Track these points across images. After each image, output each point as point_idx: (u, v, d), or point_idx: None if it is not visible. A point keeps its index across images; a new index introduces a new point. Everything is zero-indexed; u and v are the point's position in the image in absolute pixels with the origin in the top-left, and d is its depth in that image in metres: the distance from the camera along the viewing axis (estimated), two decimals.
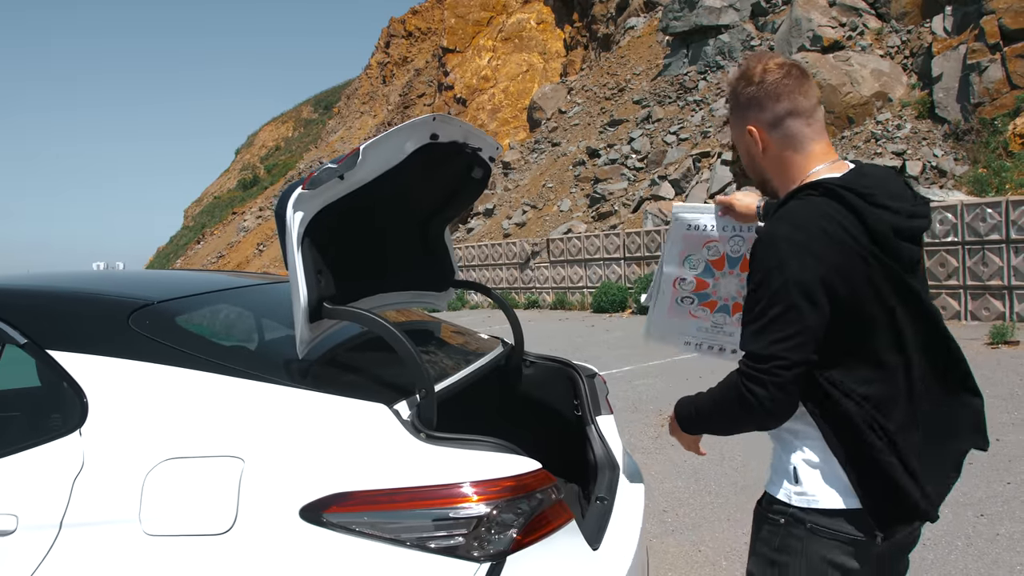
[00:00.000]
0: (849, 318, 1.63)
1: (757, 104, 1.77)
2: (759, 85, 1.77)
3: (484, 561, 1.74)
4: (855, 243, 1.63)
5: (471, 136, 2.47)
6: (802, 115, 1.76)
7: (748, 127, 1.79)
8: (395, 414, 1.86)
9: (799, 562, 1.71)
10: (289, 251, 1.96)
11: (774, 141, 1.78)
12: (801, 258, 1.59)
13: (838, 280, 1.61)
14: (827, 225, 1.62)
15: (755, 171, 1.87)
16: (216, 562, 1.74)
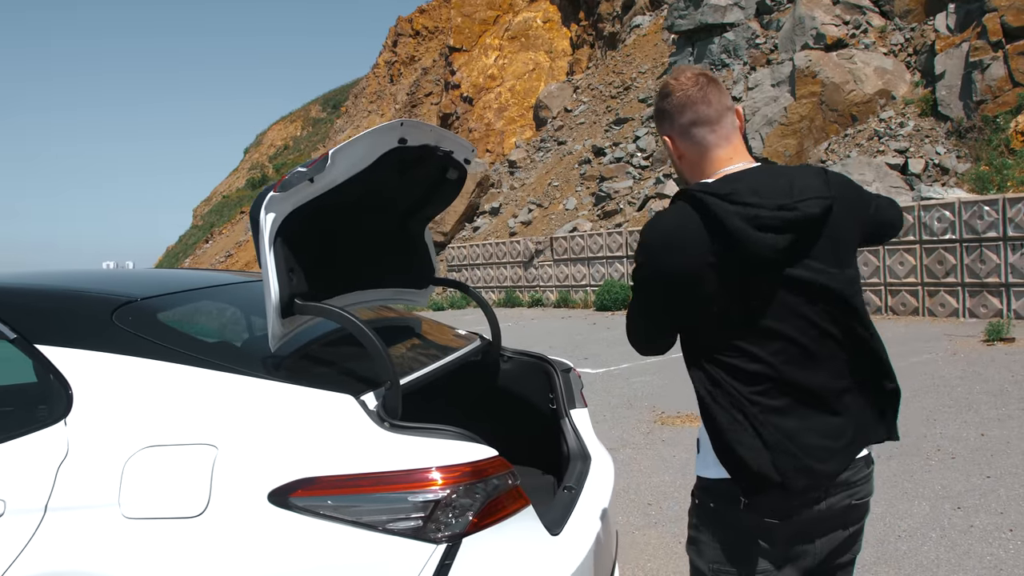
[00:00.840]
0: (709, 309, 1.74)
1: (668, 116, 1.90)
2: (669, 99, 1.89)
3: (442, 542, 1.85)
4: (704, 243, 1.71)
5: (443, 140, 2.57)
6: (706, 124, 1.86)
7: (663, 137, 1.93)
8: (361, 404, 1.97)
9: (707, 534, 1.82)
10: (261, 250, 2.08)
11: (685, 149, 1.90)
12: (652, 259, 1.77)
13: (684, 279, 1.73)
14: (676, 230, 1.74)
15: (680, 176, 1.98)
16: (189, 543, 1.85)
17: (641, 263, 1.81)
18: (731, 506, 1.78)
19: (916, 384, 7.45)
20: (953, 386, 7.24)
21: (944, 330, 10.56)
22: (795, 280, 1.75)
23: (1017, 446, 5.28)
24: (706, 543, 1.83)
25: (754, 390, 1.74)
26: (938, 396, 6.91)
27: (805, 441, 1.75)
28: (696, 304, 1.76)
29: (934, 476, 4.82)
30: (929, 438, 5.66)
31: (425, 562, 1.83)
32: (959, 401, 6.67)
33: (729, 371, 1.76)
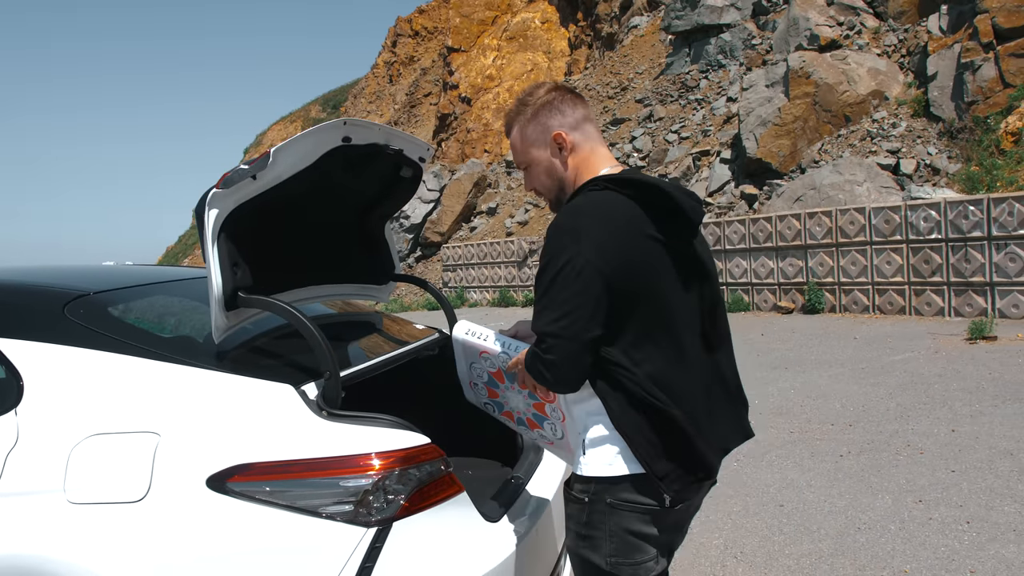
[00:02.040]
0: (629, 297, 1.80)
1: (558, 111, 1.97)
2: (555, 94, 1.98)
3: (372, 526, 1.92)
4: (637, 226, 1.81)
5: (392, 138, 2.64)
6: (592, 121, 1.98)
7: (554, 134, 1.97)
8: (301, 394, 2.05)
9: (602, 532, 1.89)
10: (205, 245, 2.15)
11: (577, 141, 1.97)
12: (579, 243, 1.76)
13: (617, 262, 1.78)
14: (609, 211, 1.81)
15: (553, 182, 2.02)
16: (131, 527, 1.93)
17: (571, 252, 1.75)
18: (631, 498, 1.86)
19: (894, 382, 7.52)
20: (930, 383, 7.31)
21: (929, 329, 10.62)
22: (696, 273, 1.90)
23: (985, 441, 5.34)
24: (601, 538, 1.88)
25: (658, 385, 1.82)
26: (915, 393, 6.98)
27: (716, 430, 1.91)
28: (635, 292, 1.80)
29: (900, 471, 4.89)
30: (900, 434, 5.72)
31: (356, 545, 1.90)
32: (934, 398, 6.73)
33: (634, 367, 1.81)
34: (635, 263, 1.80)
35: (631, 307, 1.81)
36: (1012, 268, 10.73)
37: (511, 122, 2.05)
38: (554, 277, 1.78)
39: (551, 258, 1.80)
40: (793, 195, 15.48)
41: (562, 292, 1.77)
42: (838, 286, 12.99)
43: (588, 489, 1.90)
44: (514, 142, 2.07)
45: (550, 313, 1.79)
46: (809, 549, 3.83)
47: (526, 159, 2.05)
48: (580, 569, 1.97)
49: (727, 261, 15.01)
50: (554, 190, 2.04)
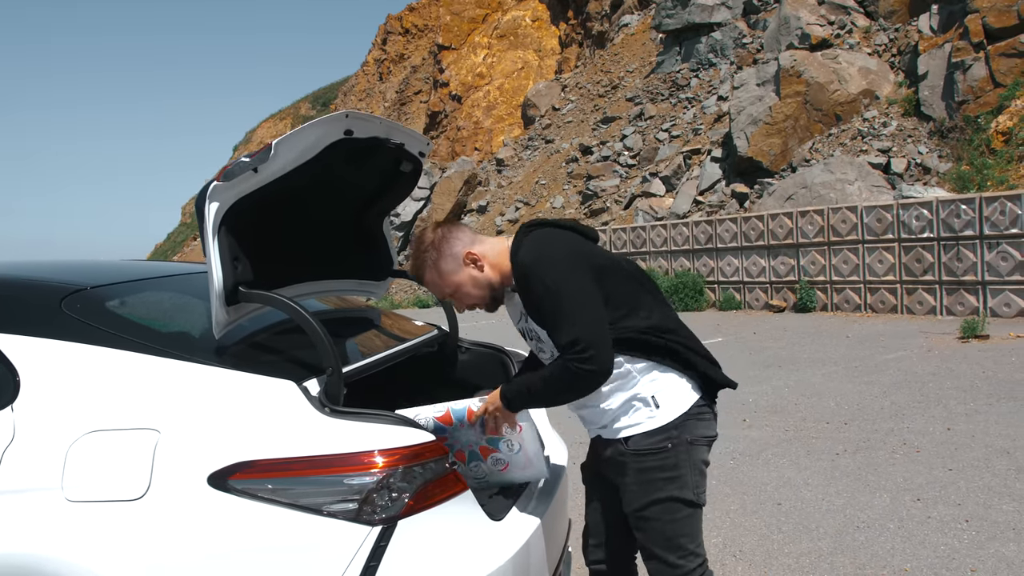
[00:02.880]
0: (608, 279, 2.18)
1: (455, 238, 2.31)
2: (443, 229, 2.33)
3: (377, 524, 1.89)
4: (572, 237, 2.27)
5: (393, 132, 2.59)
6: (474, 231, 2.39)
7: (465, 253, 2.29)
8: (303, 391, 2.00)
9: (687, 468, 2.22)
10: (205, 239, 2.11)
11: (482, 250, 2.32)
12: (559, 261, 2.12)
13: (591, 261, 2.17)
14: (561, 235, 2.25)
15: (481, 289, 2.33)
16: (130, 525, 1.88)
17: (552, 273, 2.11)
18: (702, 433, 2.26)
19: (887, 380, 7.53)
20: (924, 382, 7.32)
21: (921, 327, 10.65)
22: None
23: (981, 440, 5.35)
24: (687, 474, 2.22)
25: (669, 332, 2.26)
26: (909, 392, 6.99)
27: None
28: (608, 274, 2.20)
29: (898, 469, 4.88)
30: (896, 432, 5.73)
31: (360, 544, 1.86)
32: (929, 397, 6.75)
33: (649, 328, 2.22)
34: (594, 257, 2.21)
35: (614, 286, 2.18)
36: (1004, 267, 10.78)
37: (421, 269, 2.34)
38: (553, 298, 2.09)
39: (540, 288, 2.11)
40: (784, 194, 15.51)
41: (567, 303, 2.08)
42: (830, 284, 13.02)
43: (670, 436, 2.21)
44: (432, 282, 2.34)
45: (567, 322, 2.07)
46: (808, 547, 3.82)
47: (451, 288, 2.33)
48: (666, 513, 2.23)
49: (718, 259, 15.03)
50: (487, 295, 2.34)
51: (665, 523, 2.24)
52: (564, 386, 2.13)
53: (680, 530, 2.25)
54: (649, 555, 2.31)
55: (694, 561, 2.27)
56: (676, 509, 2.23)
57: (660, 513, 2.23)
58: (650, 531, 2.26)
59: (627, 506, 2.31)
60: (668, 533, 2.24)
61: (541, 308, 2.13)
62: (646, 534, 2.28)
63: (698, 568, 2.27)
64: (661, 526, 2.24)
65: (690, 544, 2.27)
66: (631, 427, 2.25)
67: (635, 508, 2.27)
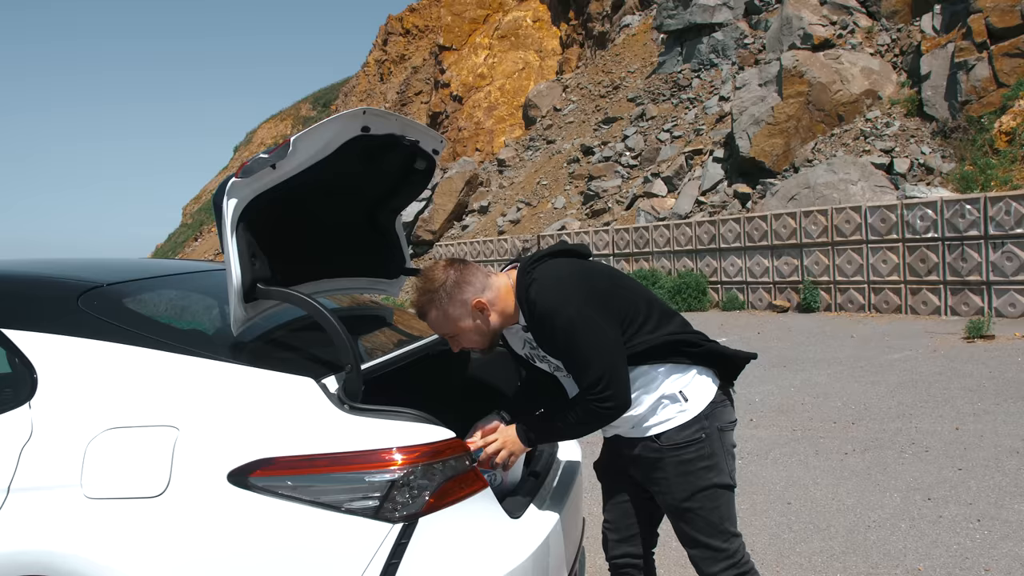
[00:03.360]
0: (617, 306, 2.25)
1: (468, 284, 2.30)
2: (454, 271, 2.31)
3: (398, 522, 1.88)
4: (584, 263, 2.38)
5: (408, 129, 2.59)
6: (482, 270, 2.36)
7: (474, 303, 2.29)
8: (322, 387, 1.99)
9: (721, 455, 2.32)
10: (224, 236, 2.10)
11: (490, 298, 2.31)
12: (571, 302, 2.18)
13: (597, 289, 2.25)
14: (565, 268, 2.29)
15: (484, 337, 2.35)
16: (150, 523, 1.88)
17: (565, 313, 2.17)
18: (730, 419, 2.38)
19: (893, 380, 7.52)
20: (931, 382, 7.31)
21: (926, 328, 10.64)
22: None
23: (990, 440, 5.34)
24: (721, 459, 2.32)
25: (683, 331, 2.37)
26: (915, 392, 6.98)
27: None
28: (617, 300, 2.28)
29: (907, 468, 4.87)
30: (904, 432, 5.71)
31: (381, 541, 1.86)
32: (936, 396, 6.73)
33: (661, 332, 2.32)
34: (599, 282, 2.30)
35: (619, 305, 2.26)
36: (1009, 267, 10.76)
37: (426, 308, 2.32)
38: (570, 341, 2.17)
39: (558, 333, 2.18)
40: (787, 194, 15.50)
41: (583, 344, 2.17)
42: (834, 285, 13.01)
43: (702, 426, 2.30)
44: (437, 322, 2.34)
45: (586, 364, 2.18)
46: (820, 547, 3.81)
47: (454, 331, 2.34)
48: (710, 501, 2.30)
49: (722, 260, 15.02)
50: (487, 340, 2.37)
51: (710, 510, 2.32)
52: (588, 425, 2.26)
53: (723, 515, 2.34)
54: (694, 543, 2.36)
55: (736, 542, 2.36)
56: (719, 495, 2.32)
57: (704, 501, 2.31)
58: (695, 520, 2.33)
59: (668, 500, 2.36)
60: (713, 519, 2.32)
61: (558, 348, 2.24)
62: (691, 524, 2.34)
63: (740, 548, 2.37)
64: (707, 514, 2.32)
65: (731, 527, 2.36)
66: (662, 423, 2.31)
67: (679, 500, 2.33)
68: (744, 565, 2.36)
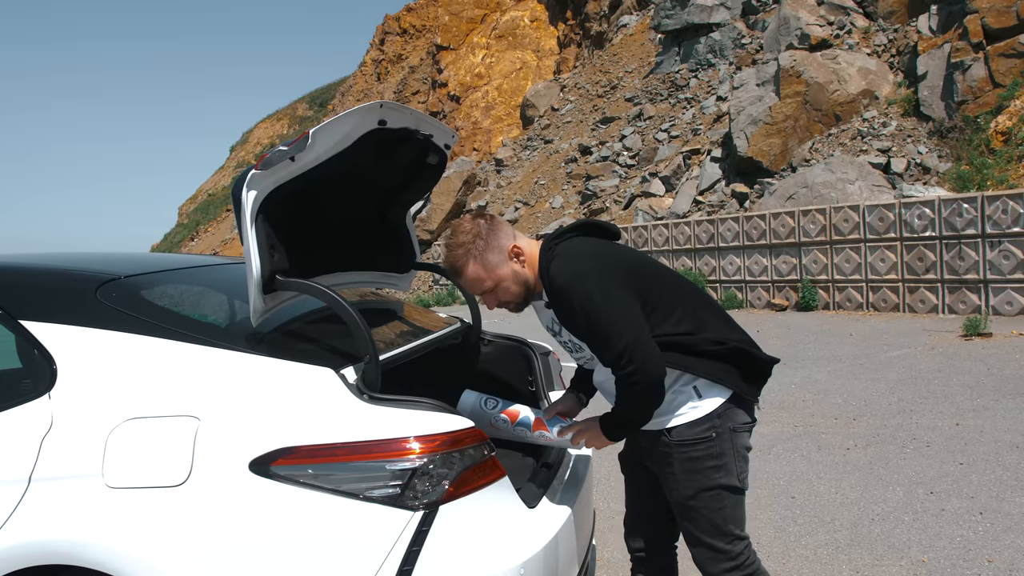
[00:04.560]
0: (641, 288, 2.20)
1: (500, 230, 2.32)
2: (483, 221, 2.33)
3: (419, 510, 1.90)
4: (610, 244, 2.32)
5: (422, 123, 2.61)
6: (511, 228, 2.39)
7: (511, 247, 2.31)
8: (341, 378, 2.02)
9: (731, 456, 2.27)
10: (243, 227, 2.12)
11: (523, 245, 2.34)
12: (589, 278, 2.14)
13: (621, 268, 2.21)
14: (588, 245, 2.27)
15: (520, 287, 2.34)
16: (172, 511, 1.90)
17: (585, 288, 2.13)
18: (744, 420, 2.30)
19: (893, 377, 7.56)
20: (930, 379, 7.35)
21: (924, 326, 10.69)
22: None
23: (990, 435, 5.38)
24: (731, 461, 2.27)
25: (706, 329, 2.30)
26: (915, 388, 7.02)
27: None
28: (642, 280, 2.23)
29: (909, 463, 4.91)
30: (905, 427, 5.75)
31: (403, 529, 1.88)
32: (935, 393, 6.77)
33: (679, 331, 2.26)
34: (624, 261, 2.25)
35: (648, 293, 2.21)
36: (1006, 265, 10.82)
37: (462, 260, 2.31)
38: (590, 318, 2.12)
39: (577, 309, 2.14)
40: (785, 193, 15.55)
41: (603, 321, 2.11)
42: (832, 283, 13.06)
43: (713, 424, 2.26)
44: (474, 274, 2.32)
45: (607, 341, 2.12)
46: (825, 540, 3.84)
47: (493, 281, 2.33)
48: (715, 502, 2.26)
49: (720, 259, 15.05)
50: (522, 294, 2.36)
51: (713, 511, 2.28)
52: (636, 402, 2.18)
53: (727, 516, 2.29)
54: (696, 542, 2.33)
55: (740, 545, 2.32)
56: (723, 497, 2.28)
57: (708, 501, 2.27)
58: (698, 520, 2.30)
59: (674, 496, 2.34)
60: (716, 520, 2.29)
61: (578, 326, 2.19)
62: (694, 523, 2.31)
63: (745, 551, 2.32)
64: (709, 514, 2.28)
65: (736, 529, 2.32)
66: (675, 417, 2.29)
67: (683, 498, 2.30)
68: (748, 568, 2.32)
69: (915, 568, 3.47)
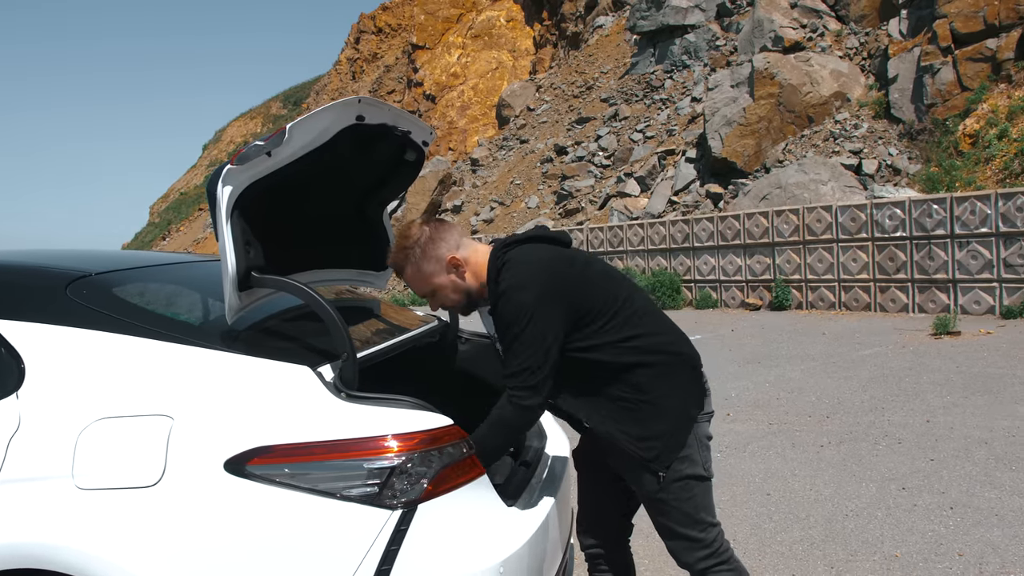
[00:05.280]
0: (590, 298, 2.24)
1: (442, 240, 2.34)
2: (429, 228, 2.35)
3: (397, 508, 1.88)
4: (561, 251, 2.36)
5: (400, 119, 2.59)
6: (461, 232, 2.40)
7: (448, 259, 2.33)
8: (318, 376, 1.99)
9: (695, 446, 2.30)
10: (218, 223, 2.09)
11: (464, 256, 2.36)
12: (529, 290, 2.17)
13: (566, 282, 2.23)
14: (536, 255, 2.28)
15: (458, 295, 2.38)
16: (145, 512, 1.86)
17: (525, 296, 2.16)
18: (708, 416, 2.37)
19: (866, 375, 7.65)
20: (901, 377, 7.44)
21: (895, 324, 10.83)
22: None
23: (960, 431, 5.45)
24: (695, 450, 2.29)
25: (653, 335, 2.35)
26: (887, 386, 7.10)
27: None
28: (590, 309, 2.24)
29: (881, 460, 4.97)
30: (877, 424, 5.82)
31: (381, 528, 1.86)
32: (907, 391, 6.86)
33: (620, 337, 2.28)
34: (570, 273, 2.27)
35: (591, 299, 2.25)
36: (974, 265, 10.98)
37: (401, 264, 2.37)
38: (512, 321, 2.18)
39: (506, 318, 2.19)
40: (759, 194, 15.68)
41: (526, 329, 2.16)
42: (805, 283, 13.19)
43: None
44: (412, 279, 2.38)
45: (516, 353, 2.19)
46: (800, 536, 3.87)
47: (430, 288, 2.38)
48: (684, 492, 2.28)
49: (695, 259, 15.15)
50: (461, 301, 2.40)
51: (683, 501, 2.30)
52: (497, 427, 2.22)
53: (698, 504, 2.32)
54: (671, 535, 2.36)
55: (712, 532, 2.35)
56: (692, 486, 2.30)
57: (678, 492, 2.29)
58: (670, 511, 2.32)
59: (642, 491, 2.34)
60: (687, 509, 2.31)
61: (501, 327, 2.24)
62: (666, 515, 2.33)
63: (718, 537, 2.36)
64: (680, 504, 2.30)
65: (707, 516, 2.35)
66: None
67: (652, 492, 2.31)
68: (722, 555, 2.35)
69: (888, 563, 3.51)
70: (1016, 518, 3.88)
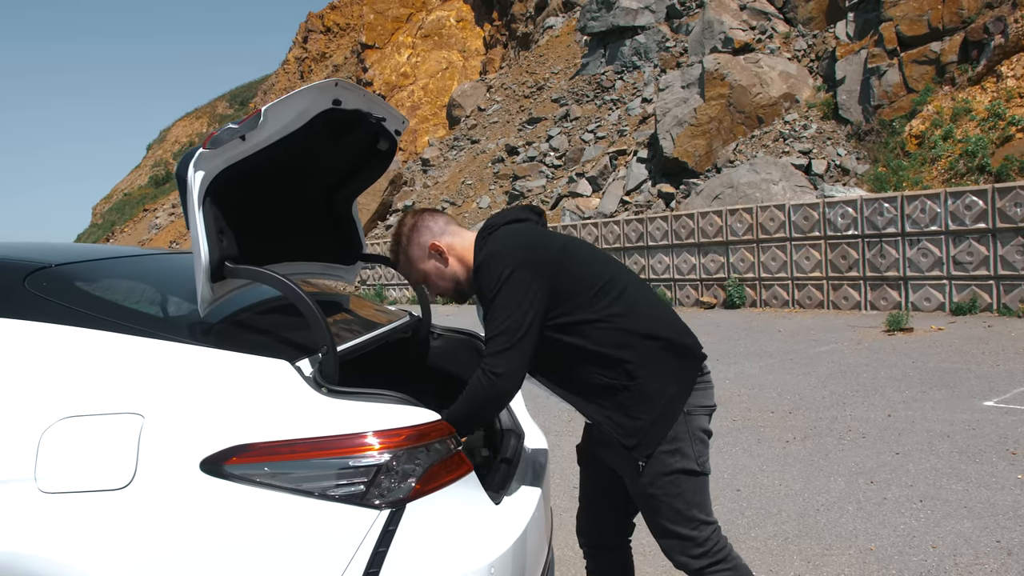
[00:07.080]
0: (571, 274, 2.20)
1: (426, 228, 2.36)
2: (417, 217, 2.39)
3: (385, 508, 1.79)
4: (537, 229, 2.35)
5: (375, 106, 2.50)
6: (452, 220, 2.43)
7: (431, 244, 2.34)
8: (297, 370, 1.89)
9: (687, 439, 2.21)
10: (190, 210, 1.97)
11: (449, 242, 2.36)
12: (509, 260, 2.15)
13: (545, 258, 2.19)
14: (516, 235, 2.26)
15: (446, 282, 2.39)
16: (115, 516, 1.74)
17: (503, 269, 2.13)
18: (698, 403, 2.26)
19: (824, 371, 7.74)
20: (859, 373, 7.54)
21: (848, 322, 11.00)
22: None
23: (921, 425, 5.52)
24: (687, 444, 2.21)
25: (633, 320, 2.28)
26: (845, 382, 7.18)
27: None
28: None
29: (847, 454, 5.00)
30: (840, 420, 5.87)
31: (368, 529, 1.76)
32: (866, 386, 6.95)
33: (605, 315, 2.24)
34: (550, 248, 2.23)
35: (573, 277, 2.22)
36: (924, 263, 11.22)
37: (395, 254, 2.43)
38: (491, 303, 2.15)
39: (485, 291, 2.18)
40: (711, 193, 15.82)
41: (504, 295, 2.13)
42: (759, 281, 13.34)
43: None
44: (404, 267, 2.42)
45: (492, 323, 2.14)
46: (774, 531, 3.85)
47: (420, 275, 2.41)
48: (673, 487, 2.20)
49: (649, 257, 15.23)
50: (451, 286, 2.40)
51: (673, 496, 2.22)
52: (471, 401, 2.14)
53: (689, 501, 2.23)
54: (662, 532, 2.27)
55: (707, 530, 2.25)
56: (681, 481, 2.21)
57: (667, 487, 2.21)
58: (660, 507, 2.24)
59: (633, 486, 2.27)
60: (677, 506, 2.22)
61: (482, 305, 2.22)
62: (656, 511, 2.25)
63: (713, 535, 2.26)
64: (669, 500, 2.22)
65: (701, 514, 2.25)
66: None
67: (641, 486, 2.24)
68: (717, 554, 2.25)
69: (864, 556, 3.51)
70: (984, 510, 3.92)
